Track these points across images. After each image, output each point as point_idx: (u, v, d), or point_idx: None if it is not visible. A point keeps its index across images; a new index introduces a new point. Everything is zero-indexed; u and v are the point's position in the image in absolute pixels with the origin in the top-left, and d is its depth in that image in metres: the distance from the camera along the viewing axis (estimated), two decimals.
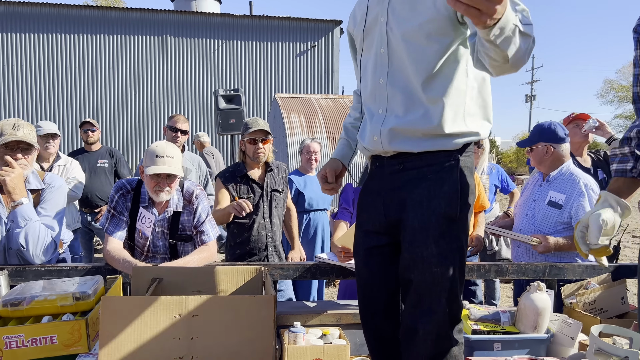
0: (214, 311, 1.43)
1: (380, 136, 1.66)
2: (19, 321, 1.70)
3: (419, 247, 1.54)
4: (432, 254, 1.52)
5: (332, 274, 2.42)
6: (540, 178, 3.00)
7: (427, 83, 1.55)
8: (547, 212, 2.81)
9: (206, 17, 13.82)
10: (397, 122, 1.61)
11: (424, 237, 1.53)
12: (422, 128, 1.57)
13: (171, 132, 3.96)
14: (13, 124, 2.25)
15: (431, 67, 1.54)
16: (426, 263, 1.53)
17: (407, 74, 1.58)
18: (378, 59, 1.66)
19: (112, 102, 13.40)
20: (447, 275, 1.52)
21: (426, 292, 1.54)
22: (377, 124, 1.67)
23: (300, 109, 8.85)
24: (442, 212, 1.53)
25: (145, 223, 2.40)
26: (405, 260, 1.59)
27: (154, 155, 2.32)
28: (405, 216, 1.59)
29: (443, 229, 1.53)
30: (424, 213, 1.55)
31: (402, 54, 1.58)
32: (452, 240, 1.54)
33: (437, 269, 1.52)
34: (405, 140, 1.61)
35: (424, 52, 1.54)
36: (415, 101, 1.58)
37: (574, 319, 2.10)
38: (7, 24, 12.71)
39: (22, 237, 2.19)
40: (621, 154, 1.63)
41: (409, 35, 1.55)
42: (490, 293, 4.62)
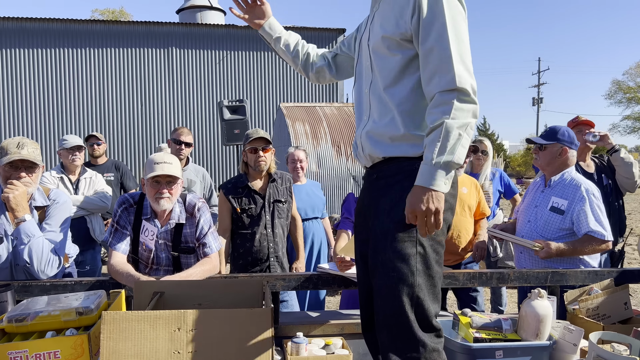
0: (212, 325, 1.45)
1: (360, 140, 1.81)
2: (24, 336, 1.73)
3: (379, 253, 1.62)
4: (389, 258, 1.58)
5: (333, 284, 2.43)
6: (542, 183, 3.00)
7: (389, 90, 1.69)
8: (550, 218, 2.81)
9: (211, 29, 13.96)
10: (373, 126, 1.75)
11: (384, 243, 1.61)
12: (389, 132, 1.69)
13: (175, 145, 4.00)
14: (17, 142, 2.29)
15: (393, 76, 1.68)
16: (385, 268, 1.59)
17: (378, 82, 1.73)
18: (364, 70, 1.82)
19: (119, 115, 13.54)
20: (405, 279, 1.56)
21: (387, 295, 1.58)
22: (359, 129, 1.83)
23: (305, 117, 8.90)
24: (400, 219, 1.59)
25: (148, 235, 2.43)
26: (371, 267, 1.68)
27: (153, 163, 2.37)
28: (372, 224, 1.70)
29: (401, 235, 1.59)
30: (385, 220, 1.63)
31: (374, 65, 1.74)
32: (411, 246, 1.58)
33: (394, 273, 1.57)
34: (376, 144, 1.73)
35: (387, 62, 1.69)
36: (386, 107, 1.70)
37: (577, 325, 2.10)
38: (16, 39, 12.91)
39: (26, 254, 2.23)
40: None
41: (376, 47, 1.73)
42: (496, 299, 4.60)
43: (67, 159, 3.95)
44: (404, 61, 1.66)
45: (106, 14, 33.94)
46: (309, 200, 4.01)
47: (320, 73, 2.15)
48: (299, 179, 4.11)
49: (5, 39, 12.86)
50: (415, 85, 1.66)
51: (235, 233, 3.21)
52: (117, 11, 34.98)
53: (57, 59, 13.19)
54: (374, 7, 1.83)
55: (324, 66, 2.14)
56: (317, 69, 2.14)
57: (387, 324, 1.59)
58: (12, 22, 12.83)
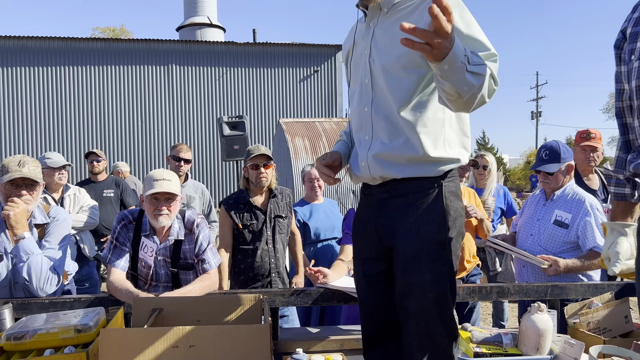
0: (211, 341, 1.45)
1: (367, 162, 1.72)
2: (22, 354, 1.73)
3: (412, 274, 1.59)
4: (426, 280, 1.57)
5: (333, 299, 2.42)
6: (542, 197, 2.99)
7: (405, 111, 1.62)
8: (554, 232, 2.80)
9: (211, 46, 14.10)
10: (383, 148, 1.67)
11: (417, 264, 1.58)
12: (405, 154, 1.63)
13: (174, 162, 4.02)
14: (19, 160, 2.31)
15: (409, 97, 1.62)
16: (420, 289, 1.57)
17: (388, 102, 1.65)
18: (363, 89, 1.74)
19: (119, 131, 13.60)
20: (440, 298, 1.58)
21: (423, 316, 1.58)
22: (364, 150, 1.74)
23: (304, 132, 8.94)
24: (432, 239, 1.58)
25: (147, 252, 2.43)
26: (400, 288, 1.64)
27: (152, 180, 2.37)
28: (397, 244, 1.64)
29: (434, 255, 1.58)
30: (415, 240, 1.59)
31: (382, 84, 1.66)
32: (443, 265, 1.59)
33: (431, 294, 1.57)
34: (390, 166, 1.66)
35: (402, 83, 1.62)
36: (398, 128, 1.64)
37: (578, 339, 2.09)
38: (18, 57, 13.03)
39: (25, 271, 2.24)
40: (616, 177, 1.65)
41: (388, 67, 1.64)
42: (498, 314, 4.58)
43: (53, 178, 3.88)
44: (421, 82, 1.61)
45: (107, 32, 34.29)
46: (328, 220, 3.89)
47: None
48: (316, 197, 3.93)
49: (7, 57, 12.98)
50: (433, 104, 1.62)
51: (236, 249, 3.20)
52: (118, 29, 35.36)
53: (59, 77, 13.29)
54: (370, 23, 1.74)
55: None
56: None
57: (422, 346, 1.59)
58: (14, 41, 12.95)
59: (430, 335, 1.59)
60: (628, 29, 1.45)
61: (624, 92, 1.53)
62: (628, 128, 1.57)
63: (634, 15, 1.44)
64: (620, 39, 1.51)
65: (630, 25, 1.44)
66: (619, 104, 1.58)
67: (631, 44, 1.41)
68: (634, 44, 1.39)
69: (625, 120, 1.57)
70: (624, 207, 1.65)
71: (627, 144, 1.59)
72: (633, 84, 1.39)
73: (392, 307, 1.73)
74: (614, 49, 1.55)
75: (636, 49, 1.38)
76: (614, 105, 1.60)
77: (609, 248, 1.57)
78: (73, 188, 4.12)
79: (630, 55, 1.40)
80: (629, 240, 1.57)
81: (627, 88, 1.50)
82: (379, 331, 1.82)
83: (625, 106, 1.56)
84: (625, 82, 1.51)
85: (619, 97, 1.57)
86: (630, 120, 1.54)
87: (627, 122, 1.57)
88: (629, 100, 1.51)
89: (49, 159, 3.93)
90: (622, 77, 1.53)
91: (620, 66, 1.53)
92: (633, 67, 1.39)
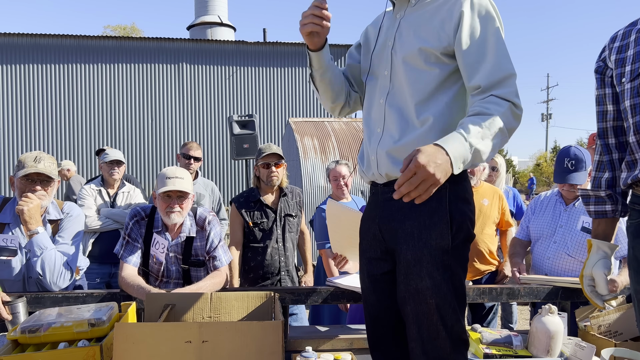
0: (223, 337, 1.46)
1: (376, 156, 1.69)
2: (37, 347, 1.75)
3: (413, 280, 1.55)
4: (427, 286, 1.53)
5: (343, 298, 2.43)
6: (559, 202, 2.88)
7: (421, 105, 1.59)
8: (582, 239, 2.69)
9: (221, 45, 14.14)
10: (392, 143, 1.63)
11: (418, 269, 1.54)
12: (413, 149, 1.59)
13: (184, 160, 4.05)
14: (35, 156, 2.34)
15: (427, 90, 1.58)
16: (421, 295, 1.54)
17: (404, 95, 1.63)
18: (382, 81, 1.71)
19: (130, 129, 13.69)
20: (442, 304, 1.54)
21: (424, 322, 1.55)
22: (374, 143, 1.70)
23: (313, 132, 8.95)
24: (434, 244, 1.54)
25: (159, 249, 2.45)
26: (401, 292, 1.61)
27: (165, 177, 2.39)
28: (399, 248, 1.61)
29: (436, 260, 1.53)
30: (416, 245, 1.55)
31: (401, 76, 1.63)
32: (445, 271, 1.54)
33: (432, 300, 1.53)
34: (397, 163, 1.61)
35: (421, 75, 1.59)
36: (409, 123, 1.61)
37: (589, 342, 2.08)
38: (30, 55, 13.15)
39: (38, 266, 2.26)
40: (595, 195, 1.68)
41: (408, 58, 1.61)
42: (507, 316, 4.56)
43: (107, 172, 4.01)
44: (442, 77, 1.58)
45: (118, 30, 34.51)
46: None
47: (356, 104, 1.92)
48: (343, 196, 3.68)
49: (18, 54, 13.11)
50: (450, 101, 1.59)
51: (246, 247, 3.22)
52: (129, 27, 35.58)
53: (70, 74, 13.40)
54: (397, 14, 1.70)
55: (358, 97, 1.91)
56: (354, 102, 1.91)
57: (425, 351, 1.57)
58: (26, 38, 13.08)
59: (434, 340, 1.55)
60: (612, 57, 1.56)
61: (607, 113, 1.63)
62: (610, 148, 1.65)
63: (614, 44, 1.57)
64: (602, 66, 1.63)
65: (613, 54, 1.56)
66: (602, 124, 1.65)
67: (619, 69, 1.52)
68: (622, 69, 1.51)
69: (608, 140, 1.65)
70: (606, 225, 1.69)
71: (609, 163, 1.66)
72: (627, 104, 1.48)
73: (397, 309, 1.70)
74: (595, 74, 1.65)
75: (625, 73, 1.48)
76: (597, 126, 1.67)
77: (592, 267, 1.61)
78: (129, 186, 4.19)
79: (621, 79, 1.51)
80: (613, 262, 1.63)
81: (610, 109, 1.61)
82: (382, 332, 1.79)
83: (609, 127, 1.64)
84: (609, 103, 1.61)
85: (602, 118, 1.64)
86: (612, 140, 1.63)
87: (609, 142, 1.64)
88: (613, 121, 1.61)
89: (105, 155, 4.04)
90: (605, 99, 1.63)
91: (603, 89, 1.63)
92: (625, 89, 1.49)
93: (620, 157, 1.64)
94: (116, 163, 4.03)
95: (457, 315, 1.57)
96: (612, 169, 1.66)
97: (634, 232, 1.45)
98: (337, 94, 1.84)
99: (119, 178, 4.10)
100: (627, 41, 1.51)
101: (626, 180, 1.51)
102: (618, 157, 1.64)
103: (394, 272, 1.69)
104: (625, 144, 1.62)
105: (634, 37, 1.49)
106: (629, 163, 1.51)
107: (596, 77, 1.64)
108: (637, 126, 1.44)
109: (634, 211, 1.47)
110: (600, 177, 1.66)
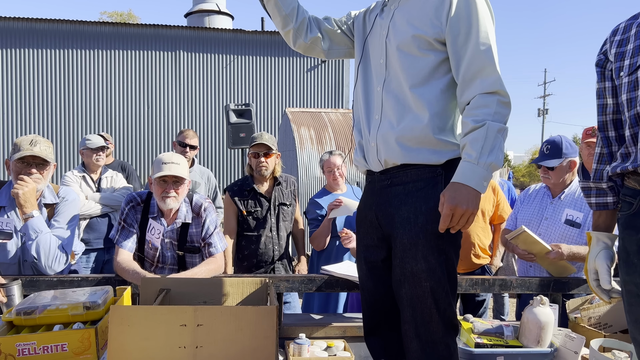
0: (218, 321, 1.47)
1: (376, 143, 1.73)
2: (32, 329, 1.76)
3: (409, 263, 1.60)
4: (422, 269, 1.58)
5: (337, 286, 2.45)
6: (547, 194, 2.93)
7: (416, 90, 1.63)
8: (565, 232, 2.74)
9: (218, 33, 14.04)
10: (391, 129, 1.68)
11: (414, 253, 1.59)
12: (410, 134, 1.63)
13: (180, 147, 4.05)
14: (31, 139, 2.33)
15: (422, 76, 1.63)
16: (416, 278, 1.59)
17: (400, 81, 1.67)
18: (378, 69, 1.75)
19: (126, 116, 13.61)
20: (436, 288, 1.59)
21: (419, 304, 1.60)
22: (374, 130, 1.74)
23: (310, 123, 8.94)
24: (429, 229, 1.59)
25: (154, 234, 2.45)
26: (397, 276, 1.66)
27: (160, 163, 2.40)
28: (395, 233, 1.65)
29: (431, 244, 1.59)
30: (412, 229, 1.60)
31: (396, 64, 1.68)
32: (439, 255, 1.59)
33: (426, 283, 1.58)
34: (393, 148, 1.66)
35: (416, 61, 1.64)
36: (406, 107, 1.65)
37: (578, 333, 2.11)
38: (25, 39, 13.03)
39: (34, 249, 2.27)
40: (596, 187, 1.69)
41: (402, 46, 1.66)
42: (499, 308, 4.61)
43: (91, 159, 4.00)
44: (435, 63, 1.63)
45: (114, 17, 34.18)
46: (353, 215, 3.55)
47: (314, 43, 1.90)
48: (338, 187, 3.56)
49: (14, 38, 12.98)
50: (444, 87, 1.63)
51: (240, 235, 3.23)
52: (125, 14, 35.23)
53: (65, 60, 13.29)
54: (391, 4, 1.76)
55: (319, 38, 1.90)
56: (312, 39, 1.89)
57: (418, 333, 1.61)
58: (21, 22, 12.95)
59: (427, 323, 1.60)
60: (612, 50, 1.56)
61: (607, 106, 1.64)
62: (610, 141, 1.66)
63: (615, 38, 1.57)
64: (603, 59, 1.63)
65: (613, 47, 1.56)
66: (601, 117, 1.66)
67: (618, 62, 1.53)
68: (621, 62, 1.51)
69: (608, 133, 1.66)
70: (606, 217, 1.70)
71: (609, 155, 1.67)
72: (624, 97, 1.49)
73: (392, 295, 1.74)
74: (595, 67, 1.66)
75: (624, 67, 1.49)
76: (597, 119, 1.68)
77: (595, 259, 1.60)
78: (111, 171, 4.20)
79: (619, 72, 1.52)
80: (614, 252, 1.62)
81: (610, 102, 1.62)
82: (379, 319, 1.83)
83: (609, 120, 1.65)
84: (608, 97, 1.62)
85: (602, 111, 1.65)
86: (612, 133, 1.64)
87: (609, 135, 1.66)
88: (612, 114, 1.62)
89: (88, 141, 4.02)
90: (605, 93, 1.64)
91: (603, 82, 1.63)
92: (623, 83, 1.50)
93: (620, 149, 1.65)
94: (100, 149, 4.03)
95: (449, 299, 1.62)
96: (612, 161, 1.66)
97: (624, 224, 1.46)
98: (284, 19, 1.84)
99: (102, 164, 4.10)
100: (628, 35, 1.52)
101: (615, 169, 1.53)
102: (618, 150, 1.65)
103: (389, 259, 1.73)
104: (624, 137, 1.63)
105: (634, 30, 1.50)
106: (623, 155, 1.53)
107: (597, 71, 1.65)
108: (632, 120, 1.46)
109: (625, 203, 1.48)
110: (601, 170, 1.67)
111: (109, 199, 3.93)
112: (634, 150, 1.46)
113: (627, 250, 1.42)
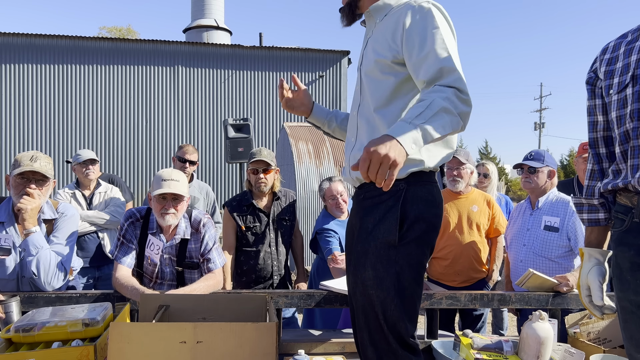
0: (218, 338, 1.47)
1: (349, 162, 1.84)
2: (30, 346, 1.75)
3: (359, 271, 1.64)
4: (369, 277, 1.61)
5: (336, 302, 2.45)
6: (528, 207, 3.08)
7: (379, 112, 1.71)
8: (546, 237, 2.88)
9: (217, 48, 14.14)
10: (360, 148, 1.77)
11: (363, 261, 1.63)
12: None
13: (180, 163, 4.05)
14: (31, 155, 2.34)
15: (384, 98, 1.71)
16: (364, 286, 1.62)
17: (369, 105, 1.76)
18: (355, 95, 1.89)
19: (124, 131, 13.64)
20: (383, 298, 1.59)
21: (369, 312, 1.62)
22: (348, 150, 1.86)
23: (308, 137, 8.97)
24: (381, 238, 1.62)
25: (153, 250, 2.45)
26: (350, 284, 1.72)
27: (160, 179, 2.41)
28: (355, 242, 1.71)
29: (381, 253, 1.61)
30: (366, 239, 1.65)
31: (365, 89, 1.78)
32: (389, 265, 1.60)
33: (372, 291, 1.60)
34: None
35: (379, 85, 1.72)
36: (374, 130, 1.73)
37: (578, 348, 2.11)
38: (25, 55, 13.10)
39: (33, 265, 2.26)
40: (588, 204, 1.71)
41: (368, 71, 1.76)
42: (497, 323, 4.58)
43: (81, 174, 3.95)
44: (396, 84, 1.69)
45: (113, 32, 34.40)
46: None
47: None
48: (342, 214, 3.46)
49: (14, 54, 13.05)
50: (404, 106, 1.69)
51: (239, 250, 3.23)
52: (124, 29, 35.46)
53: (65, 75, 13.35)
54: (367, 35, 1.86)
55: None
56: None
57: (373, 341, 1.63)
58: (21, 38, 13.03)
59: (379, 332, 1.61)
60: (602, 68, 1.59)
61: (597, 123, 1.67)
62: (601, 157, 1.69)
63: (605, 56, 1.60)
64: (593, 77, 1.66)
65: (603, 65, 1.59)
66: (592, 134, 1.69)
67: (608, 80, 1.56)
68: (611, 80, 1.54)
69: (599, 150, 1.69)
70: (598, 233, 1.71)
71: (600, 172, 1.69)
72: (613, 115, 1.52)
73: None
74: (586, 85, 1.69)
75: (613, 84, 1.52)
76: (588, 136, 1.71)
77: (587, 275, 1.61)
78: (105, 185, 4.12)
79: (609, 90, 1.54)
80: (606, 268, 1.62)
81: (601, 120, 1.65)
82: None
83: (599, 137, 1.67)
84: (599, 114, 1.65)
85: (592, 128, 1.68)
86: (603, 150, 1.67)
87: (600, 152, 1.68)
88: (603, 131, 1.65)
89: (78, 156, 3.97)
90: (595, 110, 1.67)
91: (594, 100, 1.67)
92: (612, 100, 1.52)
93: (611, 166, 1.67)
94: (90, 162, 3.96)
95: (400, 314, 1.60)
96: (604, 177, 1.69)
97: (616, 240, 1.47)
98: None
99: (94, 178, 4.02)
100: (617, 53, 1.55)
101: (606, 185, 1.55)
102: (609, 166, 1.67)
103: None
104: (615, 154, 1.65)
105: (623, 49, 1.53)
106: (614, 172, 1.55)
107: (587, 88, 1.69)
108: (621, 137, 1.48)
109: (617, 219, 1.49)
110: (593, 186, 1.69)
111: (92, 217, 3.87)
112: (624, 167, 1.48)
113: (620, 267, 1.43)
